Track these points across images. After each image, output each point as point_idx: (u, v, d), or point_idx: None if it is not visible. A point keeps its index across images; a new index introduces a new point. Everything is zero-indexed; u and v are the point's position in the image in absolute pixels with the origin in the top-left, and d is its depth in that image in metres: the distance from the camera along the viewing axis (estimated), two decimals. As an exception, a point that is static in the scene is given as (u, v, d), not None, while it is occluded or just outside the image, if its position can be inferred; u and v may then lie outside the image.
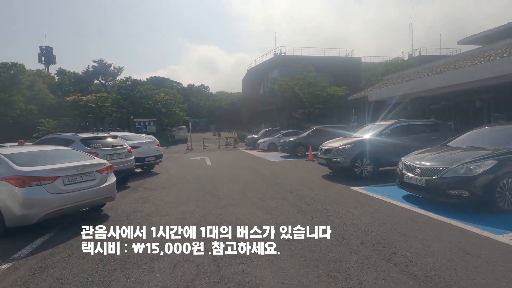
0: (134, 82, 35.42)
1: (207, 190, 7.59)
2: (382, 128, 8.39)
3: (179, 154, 20.05)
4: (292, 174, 9.69)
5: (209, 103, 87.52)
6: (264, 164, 13.03)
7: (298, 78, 24.82)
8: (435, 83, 10.78)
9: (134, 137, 11.29)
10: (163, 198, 6.91)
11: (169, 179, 9.77)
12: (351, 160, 8.03)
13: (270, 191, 7.19)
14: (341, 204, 5.76)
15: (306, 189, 7.30)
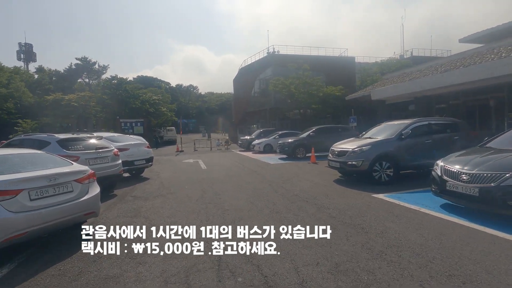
0: (120, 81, 33.71)
1: (209, 199, 6.56)
2: (402, 128, 7.58)
3: (169, 156, 18.82)
4: (300, 179, 8.77)
5: (198, 103, 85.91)
6: (264, 167, 12.07)
7: (293, 77, 24.01)
8: (451, 80, 10.14)
9: (121, 139, 10.11)
10: (157, 210, 5.83)
11: (162, 185, 8.66)
12: (369, 164, 7.18)
13: (282, 200, 6.23)
14: (373, 216, 4.86)
15: (323, 197, 6.38)
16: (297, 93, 22.92)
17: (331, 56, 31.33)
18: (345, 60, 31.46)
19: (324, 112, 25.54)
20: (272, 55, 29.73)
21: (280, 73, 27.70)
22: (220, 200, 6.50)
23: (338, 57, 31.76)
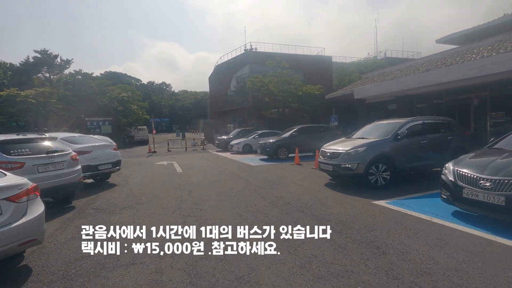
0: (85, 76, 31.14)
1: (187, 211, 5.59)
2: (397, 127, 7.08)
3: (140, 158, 17.35)
4: (288, 183, 8.02)
5: (172, 102, 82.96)
6: (246, 169, 11.21)
7: (271, 75, 23.36)
8: (438, 78, 9.94)
9: (82, 140, 8.76)
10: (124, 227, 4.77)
11: (131, 193, 7.51)
12: (365, 166, 6.58)
13: (274, 210, 5.42)
14: (384, 230, 4.19)
15: (319, 205, 5.66)
16: (276, 92, 22.29)
17: (309, 55, 31.13)
18: (323, 59, 31.41)
19: (302, 111, 25.18)
20: (249, 52, 28.90)
21: (258, 70, 26.99)
22: (201, 211, 5.55)
23: (316, 56, 31.62)
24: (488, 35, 14.01)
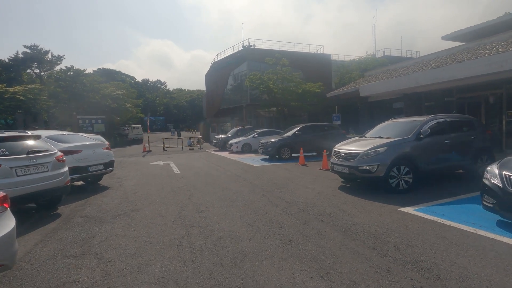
0: (77, 72, 30.03)
1: (190, 220, 4.89)
2: (419, 126, 6.47)
3: (135, 158, 16.54)
4: (297, 186, 7.37)
5: (166, 100, 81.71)
6: (248, 170, 10.53)
7: (271, 72, 22.69)
8: (452, 74, 9.36)
9: (71, 138, 7.98)
10: (116, 241, 4.06)
11: (126, 197, 6.77)
12: (386, 169, 5.95)
13: (289, 219, 4.76)
14: (427, 246, 3.55)
15: (339, 213, 5.01)
16: (275, 89, 21.63)
17: (308, 53, 30.52)
18: (322, 57, 30.83)
19: (302, 110, 24.58)
20: (247, 49, 28.17)
21: (256, 68, 26.34)
22: (205, 220, 4.86)
23: (315, 54, 31.03)
24: (495, 32, 13.56)
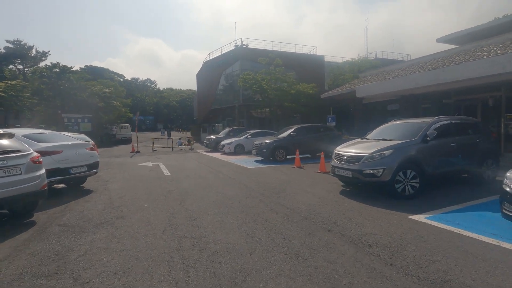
0: (63, 69, 28.92)
1: (182, 229, 4.40)
2: (425, 128, 6.16)
3: (122, 159, 15.83)
4: (296, 190, 6.95)
5: (156, 99, 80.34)
6: (242, 172, 10.06)
7: (264, 72, 22.32)
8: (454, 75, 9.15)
9: (52, 137, 7.33)
10: (98, 257, 3.53)
11: (110, 203, 6.21)
12: (392, 173, 5.60)
13: (291, 228, 4.32)
14: (449, 261, 3.18)
15: (345, 221, 4.61)
16: (269, 90, 21.26)
17: (301, 53, 30.31)
18: (315, 58, 30.68)
19: (295, 110, 24.30)
20: (240, 48, 27.72)
21: (249, 68, 25.90)
22: (199, 230, 4.38)
23: (308, 54, 30.85)
24: (491, 35, 13.53)
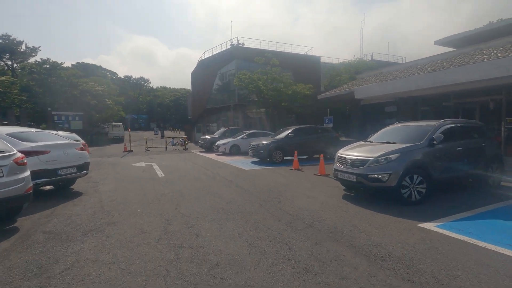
0: (53, 65, 28.15)
1: (178, 238, 4.08)
2: (431, 131, 5.96)
3: (114, 158, 15.37)
4: (296, 194, 6.68)
5: (150, 98, 79.34)
6: (239, 174, 9.76)
7: (260, 72, 22.02)
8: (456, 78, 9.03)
9: (39, 136, 6.92)
10: (86, 271, 3.19)
11: (101, 206, 5.84)
12: (399, 177, 5.38)
13: (296, 238, 4.05)
14: (471, 276, 2.94)
15: (352, 229, 4.36)
16: (265, 90, 20.97)
17: (298, 54, 30.11)
18: (311, 59, 30.53)
19: (291, 111, 24.07)
20: (236, 47, 27.38)
21: (244, 67, 25.54)
22: (197, 239, 4.07)
23: (304, 55, 30.68)
24: (489, 38, 13.51)
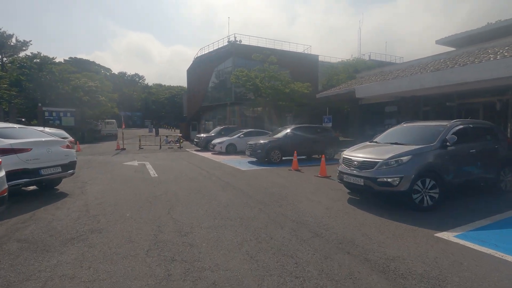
0: (44, 60, 27.30)
1: (170, 249, 3.61)
2: (444, 132, 5.57)
3: (105, 156, 14.78)
4: (298, 197, 6.26)
5: (144, 95, 78.27)
6: (236, 175, 9.30)
7: (258, 69, 21.57)
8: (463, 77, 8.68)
9: (20, 133, 6.37)
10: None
11: (86, 210, 5.34)
12: (411, 181, 4.98)
13: (303, 249, 3.62)
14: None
15: (364, 239, 3.94)
16: (262, 88, 20.52)
17: (296, 52, 29.72)
18: (309, 58, 30.15)
19: (288, 110, 23.65)
20: (233, 44, 26.86)
21: (241, 65, 25.09)
22: (192, 250, 3.61)
23: (302, 53, 30.29)
24: (492, 37, 13.27)
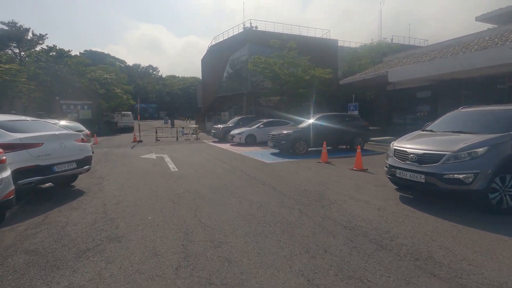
0: (60, 52, 27.23)
1: (205, 268, 2.92)
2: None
3: (123, 149, 14.38)
4: (342, 196, 5.45)
5: (159, 87, 78.38)
6: (262, 168, 8.56)
7: (276, 55, 20.50)
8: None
9: (31, 126, 5.83)
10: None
11: (104, 212, 4.75)
12: (489, 178, 4.07)
13: (368, 266, 2.84)
14: None
15: (443, 252, 3.12)
16: (282, 75, 19.49)
17: (314, 37, 28.27)
18: (328, 43, 28.65)
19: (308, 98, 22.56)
20: (249, 31, 25.77)
21: (258, 52, 23.98)
22: (231, 268, 2.90)
23: (321, 38, 28.81)
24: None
